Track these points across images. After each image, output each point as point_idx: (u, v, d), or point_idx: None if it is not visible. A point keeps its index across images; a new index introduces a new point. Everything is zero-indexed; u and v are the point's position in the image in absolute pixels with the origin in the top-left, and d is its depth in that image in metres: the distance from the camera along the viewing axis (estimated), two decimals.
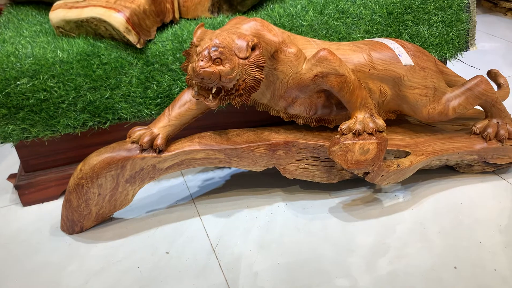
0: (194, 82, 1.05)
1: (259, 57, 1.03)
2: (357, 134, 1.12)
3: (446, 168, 1.39)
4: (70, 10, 1.22)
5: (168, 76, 1.27)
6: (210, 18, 1.37)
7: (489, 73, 1.39)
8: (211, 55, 0.99)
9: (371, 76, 1.16)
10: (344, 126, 1.13)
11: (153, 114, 1.29)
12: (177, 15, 1.35)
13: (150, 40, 1.27)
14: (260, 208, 1.32)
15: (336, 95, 1.13)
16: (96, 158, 1.10)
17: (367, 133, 1.12)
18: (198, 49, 1.02)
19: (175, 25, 1.33)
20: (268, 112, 1.21)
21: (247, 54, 1.02)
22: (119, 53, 1.23)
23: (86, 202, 1.15)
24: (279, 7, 1.39)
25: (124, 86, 1.24)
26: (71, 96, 1.21)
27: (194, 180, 1.46)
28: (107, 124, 1.27)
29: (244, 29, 1.06)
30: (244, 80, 1.04)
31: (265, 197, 1.36)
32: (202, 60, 0.99)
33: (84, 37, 1.25)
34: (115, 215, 1.31)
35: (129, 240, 1.23)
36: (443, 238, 1.17)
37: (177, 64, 1.27)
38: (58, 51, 1.20)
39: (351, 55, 1.15)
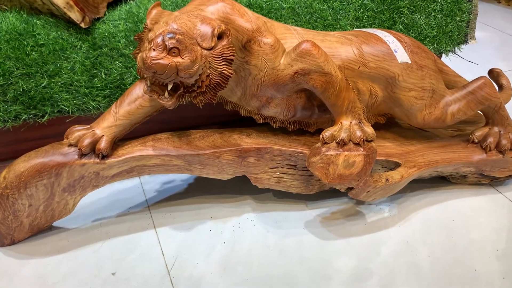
0: (145, 75, 0.85)
1: (227, 47, 0.83)
2: (342, 144, 0.94)
3: (437, 178, 1.24)
4: None
5: (120, 62, 1.06)
6: None
7: (491, 72, 1.23)
8: (166, 43, 0.79)
9: (361, 74, 0.98)
10: (326, 133, 0.95)
11: (101, 107, 1.08)
12: None
13: (98, 19, 1.05)
14: (226, 219, 1.14)
15: (319, 97, 0.94)
16: (24, 165, 0.90)
17: (353, 143, 0.95)
18: (151, 34, 0.81)
19: (131, 1, 1.12)
20: (238, 111, 1.02)
21: (212, 44, 0.82)
22: (59, 33, 1.02)
23: (14, 214, 0.95)
24: None
25: (65, 73, 1.03)
26: None
27: (152, 182, 1.26)
28: (45, 118, 1.06)
29: (209, 11, 0.86)
30: (208, 76, 0.84)
31: (233, 206, 1.18)
32: (154, 50, 0.79)
33: (17, 10, 1.03)
34: (56, 224, 1.11)
35: (69, 256, 1.04)
36: (434, 264, 1.02)
37: (131, 48, 1.06)
38: None
39: (338, 49, 0.97)
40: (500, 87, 1.22)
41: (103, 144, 0.93)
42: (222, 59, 0.83)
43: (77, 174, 0.94)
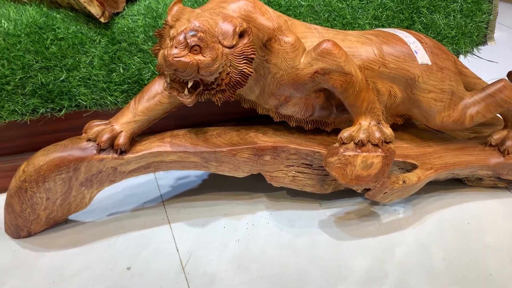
0: (166, 72, 0.84)
1: (248, 46, 0.83)
2: (360, 144, 0.94)
3: (452, 180, 1.23)
4: None
5: (138, 57, 1.06)
6: None
7: (510, 74, 1.21)
8: (188, 41, 0.79)
9: (381, 75, 0.97)
10: (345, 134, 0.94)
11: (118, 102, 1.08)
12: None
13: (117, 13, 1.05)
14: (240, 217, 1.14)
15: (338, 96, 0.94)
16: (43, 159, 0.90)
17: (372, 144, 0.94)
18: (172, 32, 0.81)
19: None
20: (256, 110, 1.02)
21: (234, 42, 0.82)
22: (78, 27, 1.02)
23: (31, 207, 0.96)
24: None
25: (83, 68, 1.03)
26: (18, 77, 1.00)
27: (167, 178, 1.27)
28: (62, 112, 1.06)
29: (231, 9, 0.86)
30: (228, 74, 0.84)
31: (247, 203, 1.18)
32: (176, 47, 0.79)
33: (37, 4, 1.03)
34: (71, 217, 1.12)
35: (85, 250, 1.05)
36: (449, 267, 1.01)
37: (149, 43, 1.06)
38: (3, 21, 0.98)
39: (359, 48, 0.96)
40: None
41: (121, 140, 0.93)
42: (243, 57, 0.83)
43: (95, 169, 0.94)
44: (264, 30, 0.87)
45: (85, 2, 0.96)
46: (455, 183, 1.23)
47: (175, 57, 0.78)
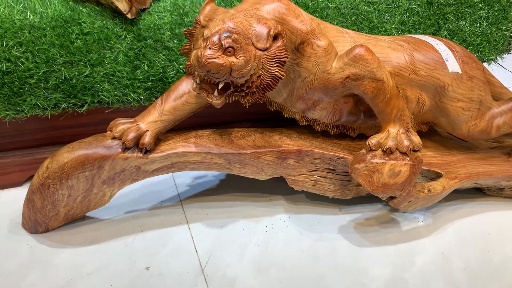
0: (196, 72, 0.83)
1: (282, 49, 0.81)
2: (388, 152, 0.92)
3: (472, 189, 1.22)
4: None
5: (163, 55, 1.04)
6: None
7: None
8: (222, 42, 0.77)
9: (411, 82, 0.96)
10: (373, 141, 0.93)
11: (141, 99, 1.07)
12: None
13: (144, 9, 1.03)
14: (259, 219, 1.13)
15: (368, 102, 0.93)
16: (67, 156, 0.89)
17: (400, 152, 0.93)
18: (206, 32, 0.80)
19: None
20: (281, 112, 1.01)
21: (267, 45, 0.80)
22: (104, 22, 1.00)
23: (52, 203, 0.95)
24: None
25: (108, 63, 1.02)
26: (42, 71, 0.98)
27: (184, 176, 1.26)
28: (84, 108, 1.05)
29: (265, 11, 0.84)
30: (259, 76, 0.83)
31: (266, 205, 1.17)
32: (210, 48, 0.77)
33: None
34: (89, 213, 1.11)
35: (103, 248, 1.04)
36: (470, 278, 1.01)
37: (175, 41, 1.04)
38: (28, 13, 0.96)
39: (390, 54, 0.95)
40: None
41: (147, 139, 0.92)
42: (275, 60, 0.82)
43: (119, 167, 0.93)
44: (297, 33, 0.86)
45: None
46: (475, 192, 1.22)
47: (209, 58, 0.77)
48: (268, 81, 0.84)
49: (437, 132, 1.18)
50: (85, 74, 1.01)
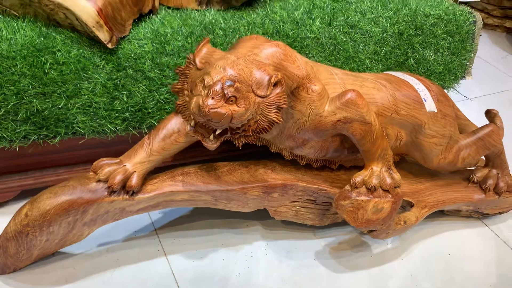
0: (192, 117, 0.81)
1: (280, 96, 0.81)
2: (373, 190, 0.96)
3: None
4: None
5: (144, 85, 1.00)
6: (197, 10, 1.10)
7: (488, 113, 1.30)
8: (225, 92, 0.76)
9: (392, 121, 1.00)
10: (357, 178, 0.96)
11: (117, 130, 1.02)
12: (157, 3, 1.06)
13: (123, 37, 0.97)
14: (238, 248, 1.13)
15: (355, 142, 0.95)
16: (50, 202, 0.83)
17: (382, 189, 0.97)
18: (207, 80, 0.77)
19: (155, 17, 1.05)
20: (268, 147, 1.01)
21: (268, 93, 0.80)
22: (81, 50, 0.93)
23: (28, 249, 0.88)
24: (281, 8, 1.15)
25: (84, 95, 0.95)
26: (11, 103, 0.90)
27: None
28: (56, 139, 0.98)
29: (264, 56, 0.83)
30: (256, 121, 0.82)
31: (243, 232, 1.17)
32: (212, 98, 0.75)
33: (31, 21, 0.92)
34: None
35: (79, 287, 0.98)
36: None
37: (156, 71, 1.00)
38: None
39: (375, 95, 0.98)
40: None
41: (134, 181, 0.88)
42: (274, 107, 0.82)
43: (103, 210, 0.88)
44: (293, 78, 0.86)
45: (94, 27, 0.88)
46: (435, 212, 1.31)
47: (212, 108, 0.75)
48: (265, 126, 0.83)
49: (405, 159, 1.24)
50: (59, 106, 0.94)
